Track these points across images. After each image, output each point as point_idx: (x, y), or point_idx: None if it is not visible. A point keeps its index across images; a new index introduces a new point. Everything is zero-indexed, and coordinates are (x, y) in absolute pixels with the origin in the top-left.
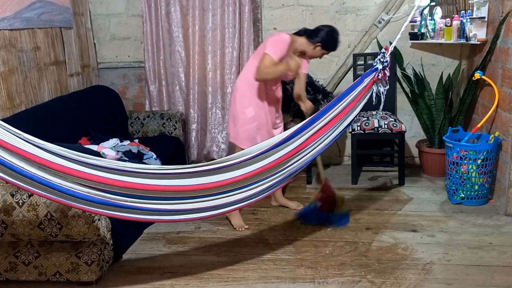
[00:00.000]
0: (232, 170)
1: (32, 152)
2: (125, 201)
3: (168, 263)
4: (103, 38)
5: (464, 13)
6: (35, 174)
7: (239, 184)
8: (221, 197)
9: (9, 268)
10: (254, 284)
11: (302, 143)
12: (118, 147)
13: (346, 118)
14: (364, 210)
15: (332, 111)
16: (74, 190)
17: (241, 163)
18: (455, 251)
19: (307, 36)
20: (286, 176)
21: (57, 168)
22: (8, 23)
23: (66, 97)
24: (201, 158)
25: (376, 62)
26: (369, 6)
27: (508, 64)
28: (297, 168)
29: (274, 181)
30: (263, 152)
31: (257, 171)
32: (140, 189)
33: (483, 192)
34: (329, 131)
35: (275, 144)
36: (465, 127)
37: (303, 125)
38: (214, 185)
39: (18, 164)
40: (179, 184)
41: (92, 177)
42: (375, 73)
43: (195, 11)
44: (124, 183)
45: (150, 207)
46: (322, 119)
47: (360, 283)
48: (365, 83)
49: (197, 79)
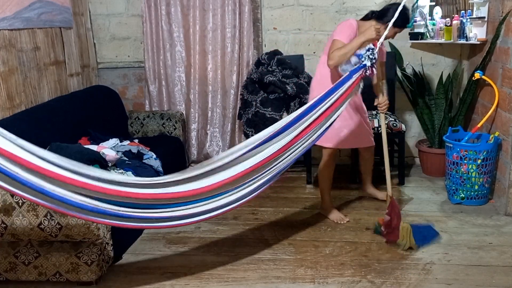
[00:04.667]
0: (221, 171)
1: (26, 158)
2: (118, 210)
3: (168, 263)
4: (103, 38)
5: (464, 13)
6: (29, 181)
7: (229, 186)
8: (212, 201)
9: (9, 268)
10: (254, 284)
11: (292, 140)
12: (118, 147)
13: (334, 114)
14: (364, 210)
15: (321, 107)
16: (69, 198)
17: (230, 162)
18: (455, 251)
19: (376, 18)
20: (275, 174)
21: (51, 175)
22: (8, 23)
23: (66, 97)
24: (201, 158)
25: (364, 58)
26: (369, 6)
27: (508, 64)
28: (286, 165)
29: (263, 180)
30: (251, 149)
31: (247, 171)
32: (132, 197)
33: (483, 192)
34: (317, 127)
35: (263, 140)
36: (465, 127)
37: (291, 121)
38: (205, 189)
39: (12, 170)
40: (170, 191)
41: (86, 185)
42: (363, 69)
43: (196, 11)
44: (117, 191)
45: (143, 215)
46: (310, 115)
47: (360, 283)
48: (353, 79)
49: (198, 79)
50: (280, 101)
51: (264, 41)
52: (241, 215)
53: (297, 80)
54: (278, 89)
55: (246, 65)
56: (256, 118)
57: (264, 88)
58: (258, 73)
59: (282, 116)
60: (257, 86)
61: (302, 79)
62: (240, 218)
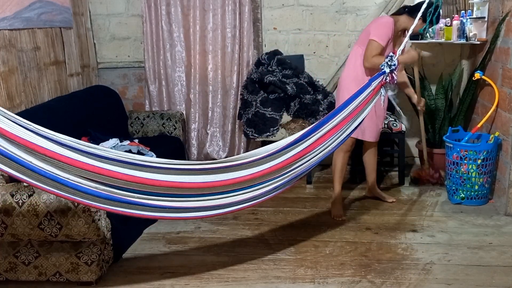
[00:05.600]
0: (239, 169)
1: (39, 144)
2: (132, 197)
3: (168, 263)
4: (103, 38)
5: (464, 13)
6: (41, 168)
7: (245, 184)
8: (226, 196)
9: (9, 268)
10: (254, 284)
11: (309, 146)
12: (118, 147)
13: (354, 122)
14: (364, 210)
15: (340, 115)
16: (82, 185)
17: (249, 163)
18: (455, 251)
19: (408, 13)
20: (292, 178)
21: (64, 160)
22: (8, 23)
23: (66, 97)
24: (201, 158)
25: (383, 65)
26: (369, 6)
27: (508, 64)
28: (303, 171)
29: (279, 183)
30: (271, 154)
31: (264, 172)
32: (147, 185)
33: (483, 192)
34: (336, 134)
35: (283, 147)
36: (465, 127)
37: (311, 128)
38: (221, 183)
39: (24, 158)
40: (186, 180)
41: (100, 171)
42: (382, 76)
43: (196, 11)
44: (132, 177)
45: (156, 204)
46: (329, 123)
47: (360, 283)
48: (373, 87)
49: (198, 78)
50: (280, 101)
51: (264, 41)
52: (241, 215)
53: (297, 80)
54: (278, 89)
55: (246, 65)
56: (256, 118)
57: (264, 88)
58: (258, 73)
59: (282, 116)
60: (257, 86)
61: (302, 79)
62: (240, 218)
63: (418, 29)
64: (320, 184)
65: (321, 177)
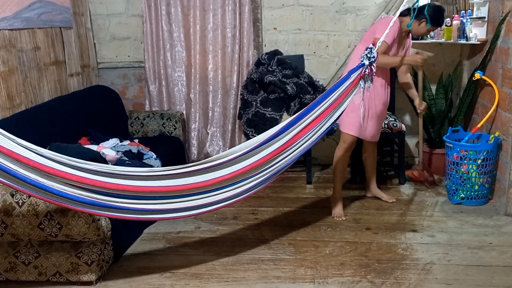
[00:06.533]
0: (219, 169)
1: (25, 155)
2: (115, 202)
3: (168, 263)
4: (103, 38)
5: (464, 13)
6: (27, 176)
7: (225, 183)
8: (207, 196)
9: (9, 268)
10: (254, 284)
11: (290, 140)
12: (118, 147)
13: (333, 114)
14: (364, 210)
15: (320, 107)
16: (65, 191)
17: (228, 162)
18: (455, 251)
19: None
20: (274, 173)
21: (48, 170)
22: (8, 23)
23: (66, 97)
24: (201, 157)
25: (363, 57)
26: (369, 6)
27: (508, 64)
28: (284, 166)
29: (260, 179)
30: (251, 150)
31: (244, 169)
32: (129, 190)
33: (483, 192)
34: (316, 127)
35: (263, 141)
36: (465, 127)
37: (290, 122)
38: (201, 184)
39: (11, 167)
40: (166, 184)
41: (83, 180)
42: (361, 68)
43: (196, 11)
44: (114, 185)
45: (138, 207)
46: (309, 115)
47: (360, 283)
48: (352, 79)
49: (198, 78)
50: (280, 101)
51: (264, 41)
52: (241, 215)
53: (297, 80)
54: (278, 89)
55: (246, 65)
56: (256, 118)
57: (264, 88)
58: (258, 73)
59: (282, 116)
60: (257, 86)
61: (302, 79)
62: (240, 218)
63: (422, 31)
64: (320, 184)
65: (321, 177)
